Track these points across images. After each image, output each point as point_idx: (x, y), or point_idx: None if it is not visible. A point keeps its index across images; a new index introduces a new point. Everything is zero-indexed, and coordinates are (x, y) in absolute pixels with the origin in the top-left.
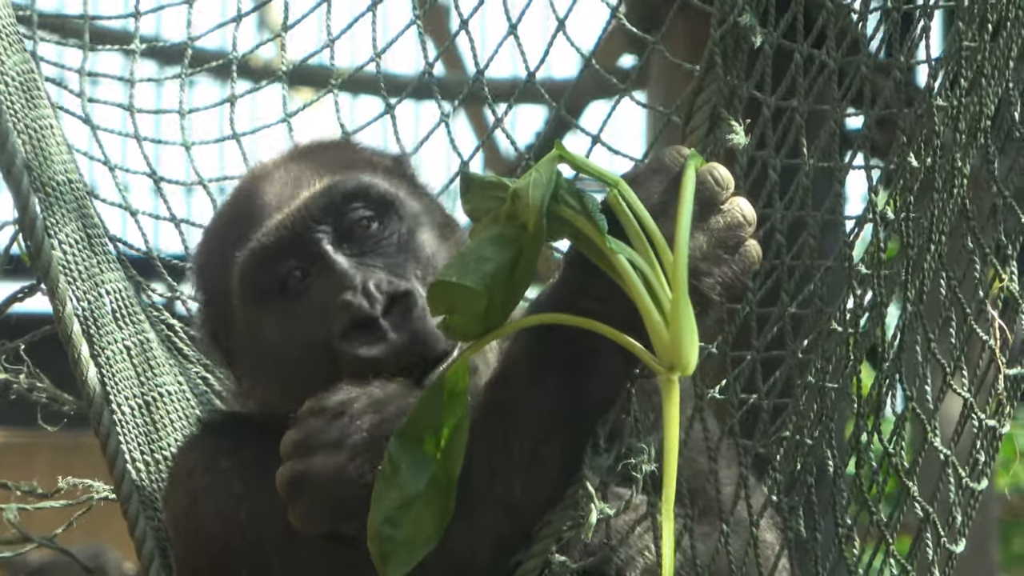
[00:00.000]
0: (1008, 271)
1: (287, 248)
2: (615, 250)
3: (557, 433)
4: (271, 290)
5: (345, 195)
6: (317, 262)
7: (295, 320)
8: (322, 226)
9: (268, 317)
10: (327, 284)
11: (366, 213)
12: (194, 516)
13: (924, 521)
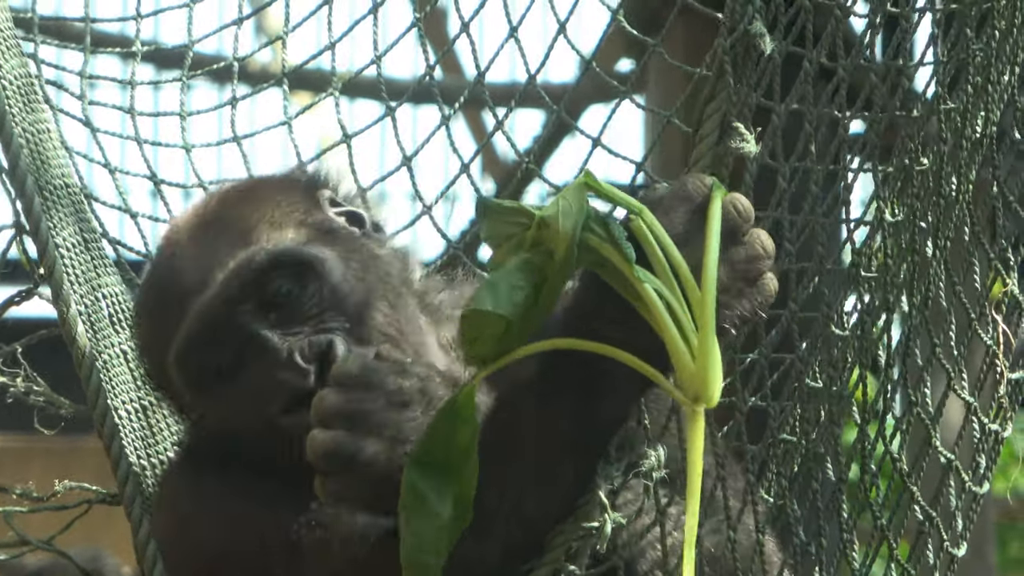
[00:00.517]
0: (1011, 275)
1: (214, 334)
2: (642, 279)
3: (569, 453)
4: (208, 376)
5: (261, 270)
6: (246, 341)
7: (236, 401)
8: (243, 305)
9: (210, 401)
10: (259, 363)
11: (284, 283)
12: (187, 539)
13: (926, 525)
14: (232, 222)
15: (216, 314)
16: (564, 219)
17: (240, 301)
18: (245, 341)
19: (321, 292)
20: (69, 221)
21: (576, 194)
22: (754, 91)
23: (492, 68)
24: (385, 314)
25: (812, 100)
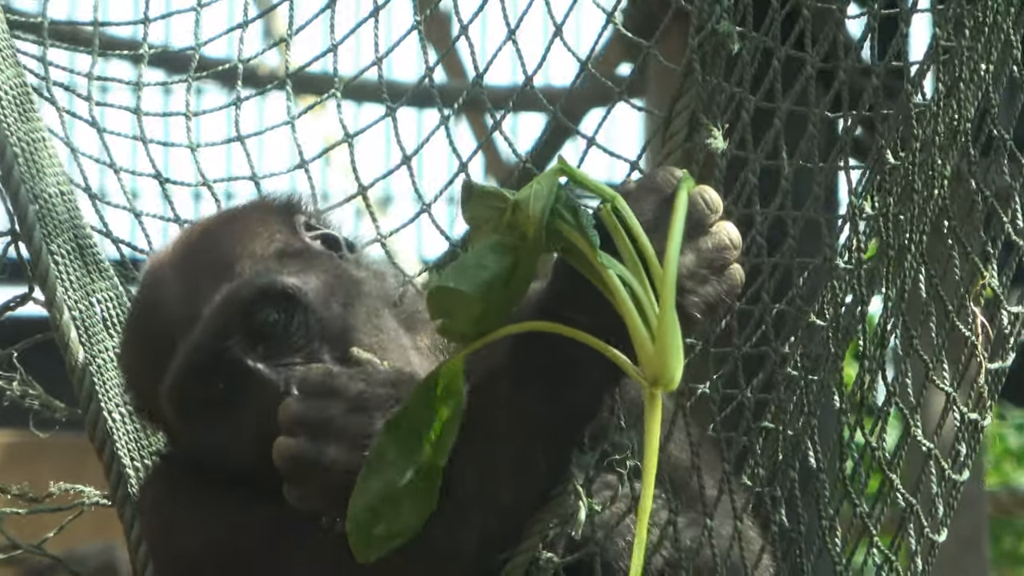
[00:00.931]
0: (989, 268)
1: (204, 368)
2: (605, 265)
3: (542, 440)
4: (199, 408)
5: (246, 304)
6: (236, 373)
7: (229, 432)
8: (232, 338)
9: (202, 431)
10: (251, 395)
11: (271, 315)
12: (171, 543)
13: (907, 512)
14: (215, 256)
15: (206, 348)
16: (534, 202)
17: (228, 335)
18: (236, 374)
19: (307, 322)
20: (64, 228)
21: (548, 179)
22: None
23: (495, 71)
24: (367, 334)
25: (781, 97)
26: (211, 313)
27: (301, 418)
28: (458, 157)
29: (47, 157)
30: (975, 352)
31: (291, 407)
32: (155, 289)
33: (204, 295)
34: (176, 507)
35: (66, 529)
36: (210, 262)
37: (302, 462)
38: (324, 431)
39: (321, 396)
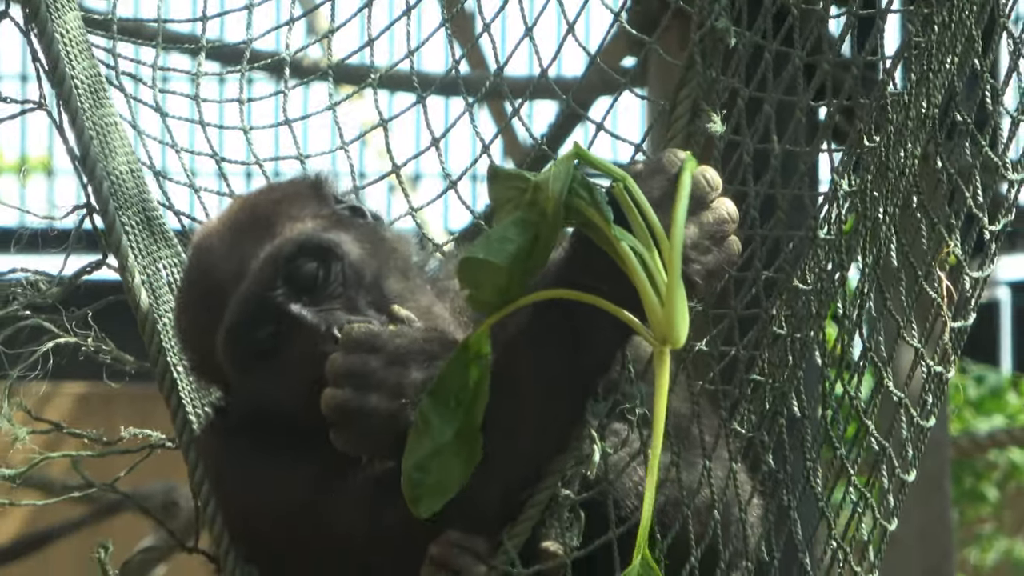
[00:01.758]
0: (953, 238)
1: (254, 319)
2: (619, 237)
3: (560, 394)
4: (251, 356)
5: (288, 258)
6: (284, 320)
7: (280, 376)
8: (277, 290)
9: (256, 378)
10: (299, 339)
11: (310, 266)
12: (223, 488)
13: (881, 454)
14: (257, 221)
15: (254, 299)
16: (553, 183)
17: (273, 287)
18: (282, 321)
19: (343, 272)
20: (133, 202)
21: (565, 162)
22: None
23: (513, 64)
24: (399, 282)
25: (772, 86)
26: (257, 268)
27: (346, 371)
28: (480, 140)
29: (118, 139)
30: (940, 312)
31: (337, 361)
32: (205, 254)
33: (249, 253)
34: (227, 457)
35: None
36: (253, 226)
37: (347, 410)
38: (366, 382)
39: (364, 351)
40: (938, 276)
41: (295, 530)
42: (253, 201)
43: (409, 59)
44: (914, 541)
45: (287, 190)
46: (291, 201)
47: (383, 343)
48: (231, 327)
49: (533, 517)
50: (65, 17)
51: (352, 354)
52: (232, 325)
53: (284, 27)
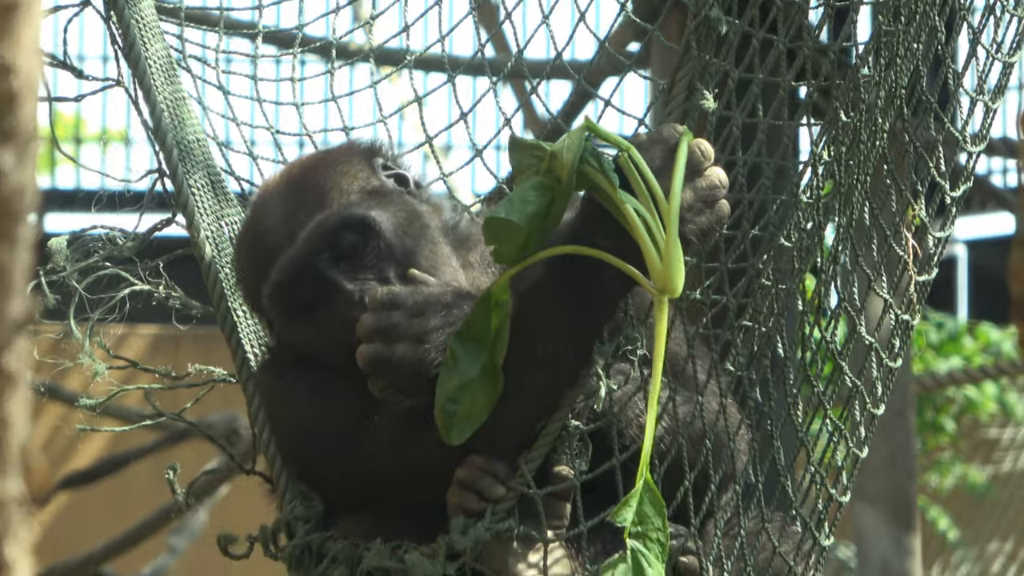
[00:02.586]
0: (919, 202)
1: (298, 278)
2: (624, 200)
3: (571, 337)
4: (294, 310)
5: (333, 230)
6: (324, 284)
7: (318, 331)
8: (321, 256)
9: (296, 330)
10: (336, 301)
11: (351, 237)
12: (277, 416)
13: (853, 391)
14: (310, 189)
15: (299, 262)
16: (567, 153)
17: (317, 253)
18: (322, 284)
19: (379, 246)
20: (199, 167)
21: (578, 134)
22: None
23: (532, 47)
24: (425, 258)
25: (758, 68)
26: (305, 236)
27: (374, 328)
28: (503, 114)
29: (187, 112)
30: (907, 267)
31: (366, 321)
32: (262, 212)
33: (300, 221)
34: (279, 392)
35: (200, 402)
36: (306, 194)
37: (378, 361)
38: (392, 335)
39: (387, 309)
40: (905, 236)
41: (339, 454)
42: (309, 167)
43: (441, 43)
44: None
45: (341, 157)
46: (342, 172)
47: (403, 300)
48: (277, 285)
49: (546, 444)
50: (140, 5)
51: (379, 313)
52: (278, 283)
53: (331, 14)
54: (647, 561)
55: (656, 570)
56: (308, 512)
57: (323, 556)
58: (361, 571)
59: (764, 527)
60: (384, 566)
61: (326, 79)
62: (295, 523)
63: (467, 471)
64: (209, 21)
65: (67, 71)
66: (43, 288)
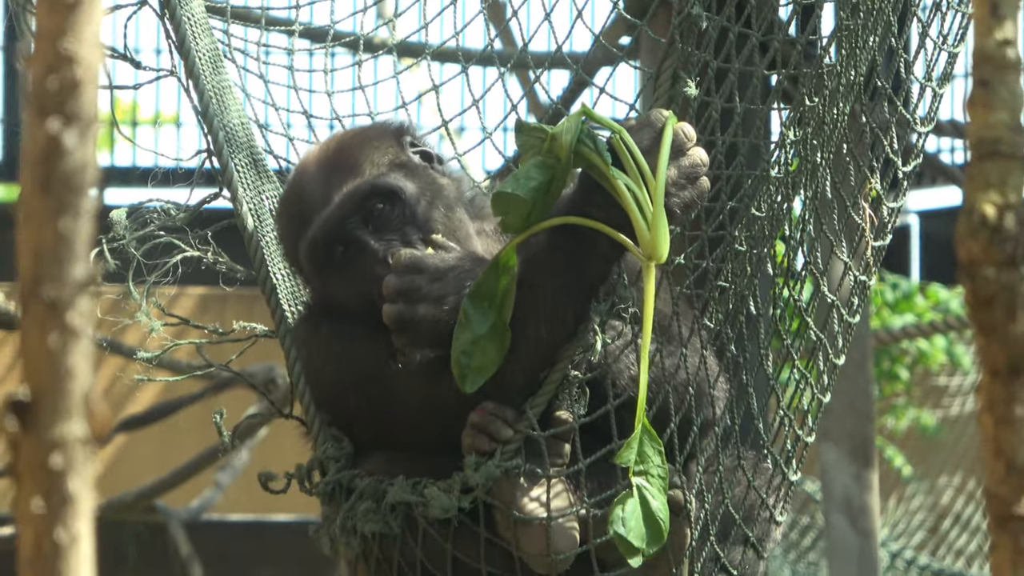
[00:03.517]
0: (874, 177)
1: (331, 237)
2: (616, 177)
3: (569, 297)
4: (327, 265)
5: (365, 196)
6: (354, 242)
7: (346, 284)
8: (352, 218)
9: (326, 282)
10: (363, 258)
11: (380, 204)
12: (311, 366)
13: (818, 343)
14: (345, 159)
15: (333, 222)
16: (565, 135)
17: (349, 216)
18: (352, 243)
19: (404, 212)
20: (242, 147)
21: (575, 118)
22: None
23: (536, 41)
24: (443, 223)
25: (735, 59)
26: (339, 199)
27: (397, 289)
28: (510, 100)
29: (231, 99)
30: (864, 234)
31: (391, 282)
32: (302, 180)
33: (335, 187)
34: (314, 341)
35: (242, 354)
36: (342, 164)
37: (402, 320)
38: (414, 296)
39: (410, 272)
40: (862, 206)
41: (367, 398)
42: (346, 142)
43: (455, 38)
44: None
45: (374, 134)
46: (375, 145)
47: (425, 265)
48: (313, 242)
49: (549, 392)
50: (191, 4)
51: (402, 276)
52: (313, 241)
53: (359, 13)
54: (651, 494)
55: (660, 500)
56: (339, 452)
57: (352, 492)
58: (385, 505)
59: (740, 464)
60: (406, 499)
61: (354, 70)
62: (327, 462)
63: (479, 416)
64: (251, 18)
65: (126, 62)
66: (105, 254)
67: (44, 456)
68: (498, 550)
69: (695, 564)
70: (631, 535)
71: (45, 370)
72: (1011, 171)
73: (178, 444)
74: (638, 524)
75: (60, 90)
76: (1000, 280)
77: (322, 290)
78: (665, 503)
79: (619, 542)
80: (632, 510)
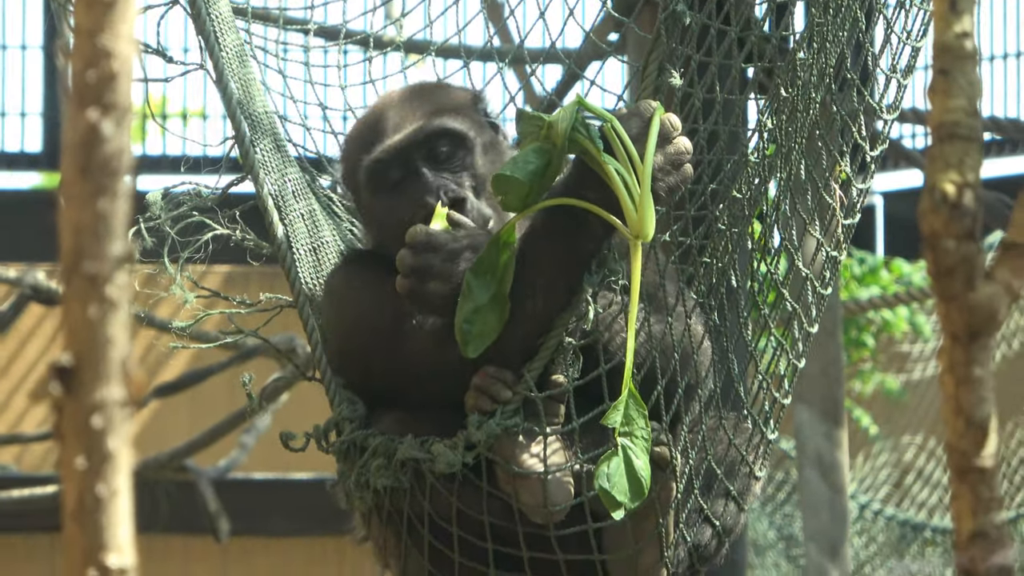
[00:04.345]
0: (844, 160)
1: (394, 162)
2: (607, 162)
3: (564, 270)
4: (382, 186)
5: (432, 134)
6: (412, 171)
7: (396, 208)
8: (418, 150)
9: (379, 203)
10: (416, 187)
11: (443, 145)
12: (339, 314)
13: (793, 313)
14: (427, 99)
15: (400, 148)
16: (561, 123)
17: (416, 147)
18: (411, 170)
19: (464, 158)
20: (266, 134)
21: (570, 109)
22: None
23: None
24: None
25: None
26: (412, 129)
27: (412, 266)
28: (508, 92)
29: (255, 91)
30: (835, 214)
31: (405, 259)
32: (382, 107)
33: (412, 118)
34: (345, 286)
35: (265, 325)
36: (424, 101)
37: (414, 294)
38: (426, 274)
39: (424, 251)
40: (833, 187)
41: (380, 350)
42: (431, 87)
43: (458, 35)
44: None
45: (457, 89)
46: (456, 97)
47: (440, 244)
48: (376, 160)
49: (545, 357)
50: (218, 4)
51: (417, 255)
52: (377, 159)
53: (369, 13)
54: (634, 454)
55: (643, 460)
56: (353, 414)
57: (365, 450)
58: (396, 461)
59: (721, 424)
60: (414, 456)
61: (365, 65)
62: (342, 423)
63: (481, 378)
64: (270, 18)
65: (158, 57)
66: (142, 232)
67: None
68: (499, 502)
69: (680, 515)
70: (615, 490)
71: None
72: (969, 152)
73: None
74: (621, 480)
75: (98, 83)
76: (960, 252)
77: (369, 211)
78: (648, 462)
79: (603, 496)
80: (616, 467)
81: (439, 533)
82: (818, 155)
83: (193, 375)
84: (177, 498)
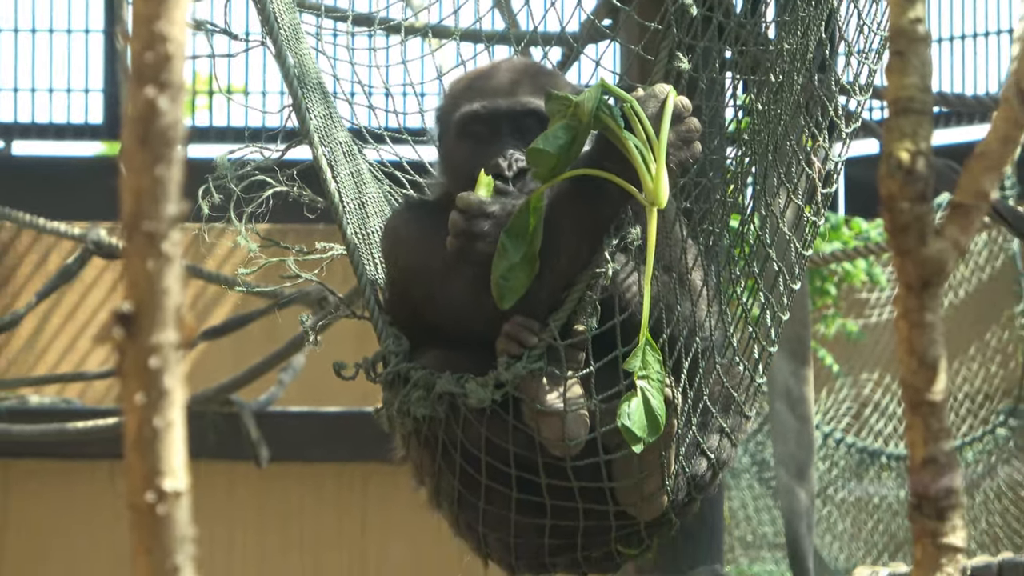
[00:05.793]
0: (822, 135)
1: (486, 119)
2: (626, 138)
3: (586, 233)
4: (468, 135)
5: (524, 111)
6: (495, 133)
7: (467, 156)
8: (509, 115)
9: (460, 149)
10: (493, 145)
11: (528, 121)
12: (395, 252)
13: (779, 273)
14: (539, 76)
15: (498, 111)
16: (587, 103)
17: (507, 112)
18: (495, 131)
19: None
20: (319, 103)
21: (595, 90)
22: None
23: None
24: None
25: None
26: (513, 98)
27: (463, 230)
28: None
29: (310, 63)
30: (815, 182)
31: (458, 223)
32: (494, 69)
33: (516, 87)
34: (403, 227)
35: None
36: (535, 77)
37: (462, 252)
38: (474, 236)
39: (476, 217)
40: (813, 159)
41: (429, 292)
42: (543, 68)
43: (478, 22)
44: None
45: (560, 81)
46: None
47: (490, 211)
48: (474, 110)
49: (568, 309)
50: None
51: (468, 220)
52: (475, 109)
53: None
54: (651, 394)
55: (658, 399)
56: (398, 348)
57: (407, 381)
58: (434, 394)
59: (716, 368)
60: (451, 390)
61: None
62: (389, 356)
63: (511, 326)
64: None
65: (225, 35)
66: (211, 189)
67: (144, 358)
68: (523, 434)
69: (680, 449)
70: (635, 427)
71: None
72: (921, 124)
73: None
74: (640, 418)
75: (155, 63)
76: (913, 212)
77: (448, 153)
78: (663, 402)
79: (624, 432)
80: (636, 407)
81: (469, 458)
82: (801, 130)
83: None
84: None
